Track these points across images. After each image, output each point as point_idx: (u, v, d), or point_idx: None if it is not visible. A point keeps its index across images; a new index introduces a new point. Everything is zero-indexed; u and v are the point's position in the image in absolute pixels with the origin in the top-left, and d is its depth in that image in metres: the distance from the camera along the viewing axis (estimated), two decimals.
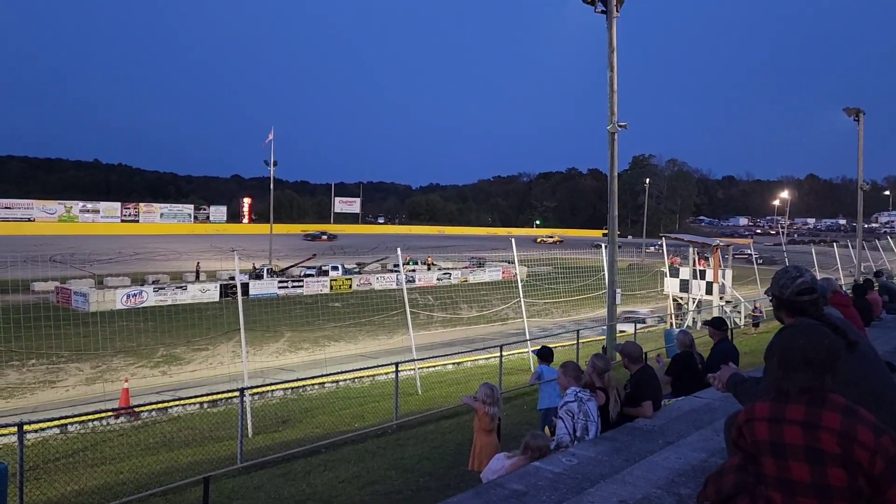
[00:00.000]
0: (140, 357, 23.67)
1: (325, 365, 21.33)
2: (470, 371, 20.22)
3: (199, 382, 20.31)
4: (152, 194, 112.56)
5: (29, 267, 43.55)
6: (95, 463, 11.02)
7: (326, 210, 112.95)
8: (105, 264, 50.28)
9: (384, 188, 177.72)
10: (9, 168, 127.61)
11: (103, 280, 39.89)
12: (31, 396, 19.03)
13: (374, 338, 28.52)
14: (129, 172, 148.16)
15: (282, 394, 16.60)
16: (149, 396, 17.92)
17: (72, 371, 21.76)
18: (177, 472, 10.07)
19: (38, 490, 8.90)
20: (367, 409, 14.69)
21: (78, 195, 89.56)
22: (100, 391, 19.31)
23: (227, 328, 26.41)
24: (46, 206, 78.27)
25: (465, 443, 9.95)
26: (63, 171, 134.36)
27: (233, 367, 21.93)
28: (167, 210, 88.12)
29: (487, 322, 32.79)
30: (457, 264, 55.66)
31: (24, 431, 7.95)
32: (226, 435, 12.56)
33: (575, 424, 5.17)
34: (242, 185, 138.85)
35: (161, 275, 43.79)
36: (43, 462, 10.84)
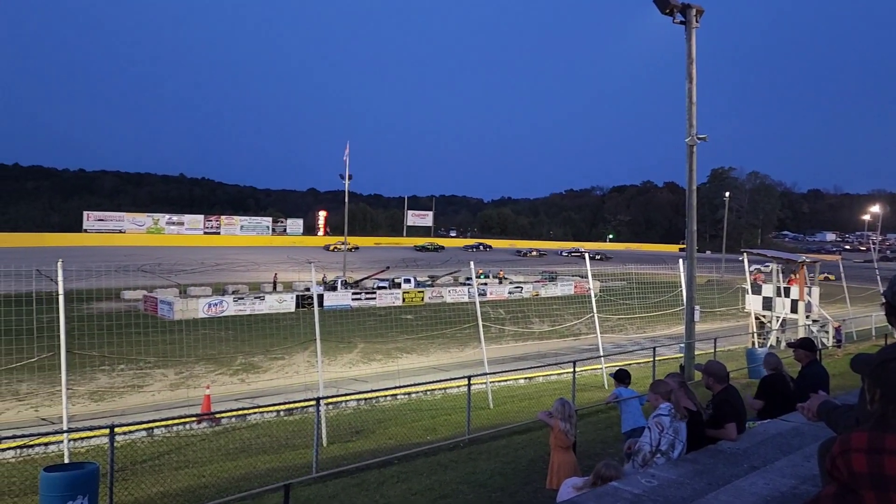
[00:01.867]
0: (220, 364, 24.42)
1: (397, 376, 21.49)
2: (542, 386, 19.99)
3: (275, 391, 20.79)
4: (233, 207, 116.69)
5: (119, 276, 45.87)
6: (179, 466, 11.43)
7: (399, 223, 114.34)
8: (189, 274, 52.36)
9: (456, 201, 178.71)
10: (102, 182, 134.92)
11: (187, 290, 41.53)
12: (119, 400, 19.88)
13: (445, 350, 28.59)
14: (211, 186, 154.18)
15: (355, 404, 16.82)
16: (228, 403, 18.45)
17: (157, 376, 22.64)
18: (255, 477, 10.33)
19: (126, 491, 9.29)
20: (438, 422, 14.71)
21: (165, 208, 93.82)
22: (183, 396, 20.00)
23: (303, 338, 27.01)
24: (136, 219, 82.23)
25: (539, 459, 9.84)
26: (151, 185, 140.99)
27: (307, 376, 22.39)
28: (247, 222, 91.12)
29: (559, 337, 32.36)
30: (528, 278, 55.27)
31: (115, 434, 8.33)
32: (301, 443, 12.80)
33: (661, 438, 5.03)
34: (318, 198, 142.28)
35: (240, 285, 45.26)
36: (131, 463, 11.31)
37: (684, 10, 14.85)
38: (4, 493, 9.88)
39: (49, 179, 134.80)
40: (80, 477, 7.18)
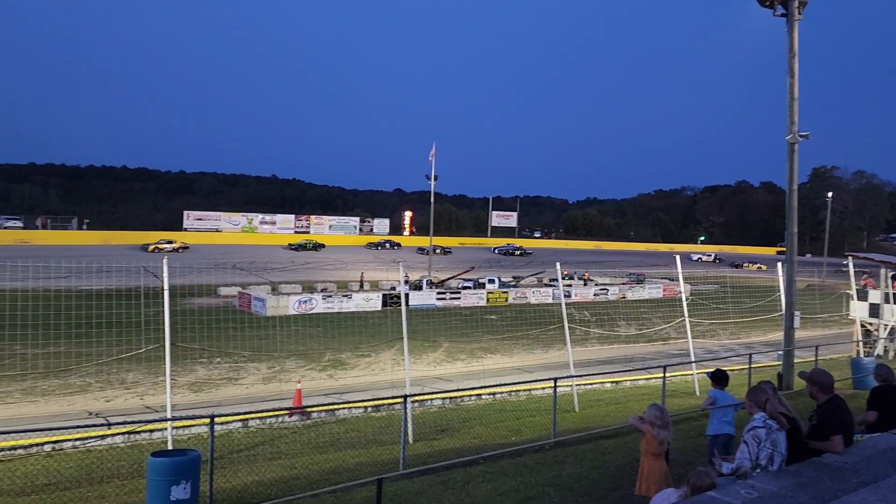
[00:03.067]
0: (310, 360, 25.13)
1: (481, 376, 21.53)
2: (629, 391, 19.55)
3: (362, 387, 21.22)
4: (322, 207, 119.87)
5: (216, 273, 48.01)
6: (272, 457, 11.85)
7: (483, 224, 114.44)
8: (280, 272, 54.20)
9: (541, 202, 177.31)
10: (201, 183, 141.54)
11: (278, 287, 42.99)
12: (216, 391, 20.76)
13: (529, 352, 28.41)
14: (302, 187, 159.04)
15: (440, 403, 16.96)
16: (317, 398, 18.98)
17: (251, 370, 23.51)
18: (344, 471, 10.60)
19: (224, 478, 9.70)
20: (523, 423, 14.65)
21: (258, 208, 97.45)
22: (275, 390, 20.70)
23: (389, 336, 27.45)
24: (231, 218, 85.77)
25: (627, 465, 9.64)
26: (246, 185, 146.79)
27: (393, 374, 22.75)
28: (335, 222, 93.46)
29: (647, 341, 31.57)
30: (614, 280, 54.19)
31: (214, 423, 8.73)
32: (388, 439, 13.02)
33: (759, 452, 4.84)
34: (404, 198, 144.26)
35: (329, 283, 46.50)
36: (228, 452, 11.82)
37: (785, 3, 14.22)
38: (115, 475, 10.53)
39: (153, 181, 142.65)
40: (183, 463, 7.56)
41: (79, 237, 70.52)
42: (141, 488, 9.12)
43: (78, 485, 10.05)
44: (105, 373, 21.10)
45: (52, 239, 67.65)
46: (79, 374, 20.77)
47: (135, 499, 9.02)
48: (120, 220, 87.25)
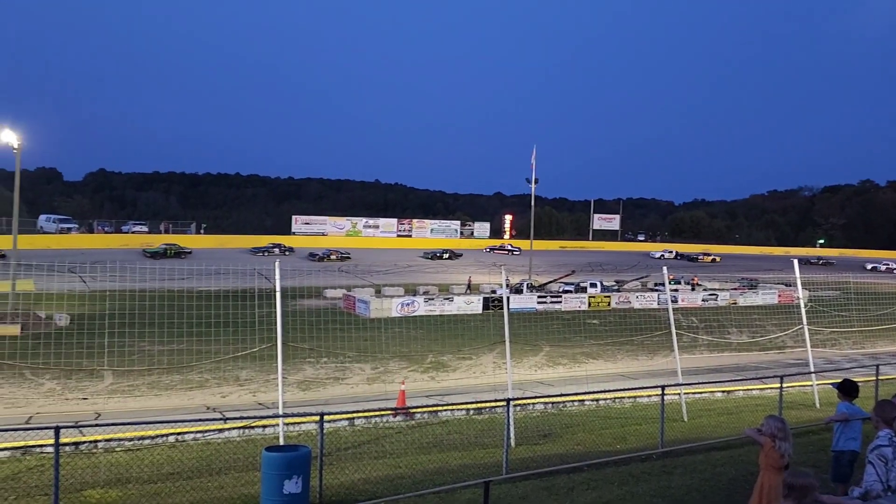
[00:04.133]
0: (412, 362, 25.53)
1: (583, 382, 21.17)
2: (741, 401, 18.66)
3: (463, 389, 21.35)
4: (423, 211, 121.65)
5: (322, 276, 49.67)
6: (378, 456, 12.11)
7: (585, 227, 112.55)
8: (383, 275, 55.41)
9: (644, 204, 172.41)
10: (308, 189, 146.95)
11: (381, 289, 44.00)
12: (322, 390, 21.45)
13: (633, 358, 27.70)
14: (404, 191, 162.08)
15: (542, 407, 16.80)
16: (419, 399, 19.25)
17: (356, 370, 24.15)
18: (448, 472, 10.69)
19: (331, 474, 10.00)
20: (628, 431, 14.28)
21: (362, 212, 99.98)
22: (378, 390, 21.16)
23: (489, 339, 27.48)
24: (337, 222, 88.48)
25: (741, 478, 9.20)
26: (350, 190, 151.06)
27: (494, 377, 22.76)
28: (436, 226, 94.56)
29: (761, 349, 30.04)
30: (724, 285, 51.94)
31: (324, 421, 9.02)
32: (490, 442, 13.03)
33: (889, 472, 4.50)
34: (504, 202, 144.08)
35: (430, 286, 47.12)
36: (335, 449, 12.17)
37: None
38: (231, 467, 11.08)
39: (264, 187, 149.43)
40: (295, 458, 7.86)
41: (197, 241, 74.77)
42: (255, 481, 9.54)
43: (199, 475, 10.65)
44: (221, 370, 22.24)
45: (173, 242, 72.13)
46: (197, 371, 22.00)
47: (250, 490, 9.44)
48: (234, 225, 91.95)
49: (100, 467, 10.91)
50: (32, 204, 69.57)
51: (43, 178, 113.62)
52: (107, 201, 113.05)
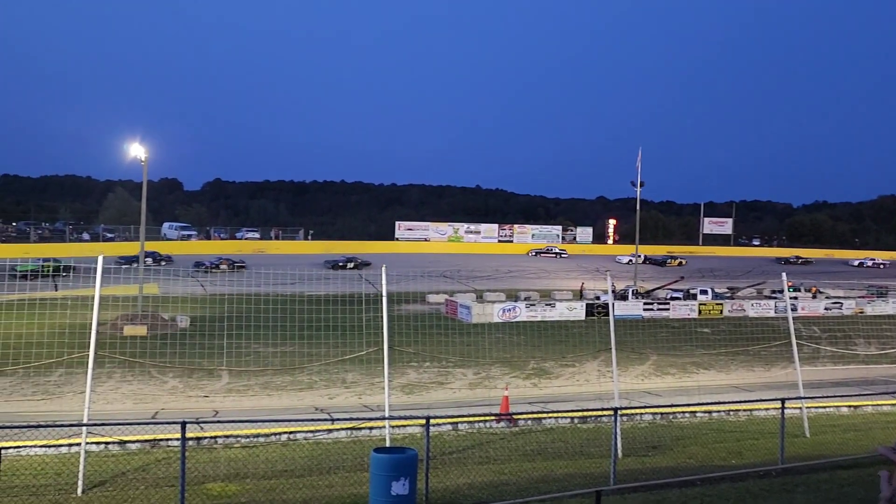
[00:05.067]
0: (514, 368, 25.40)
1: (693, 393, 20.35)
2: (871, 417, 17.37)
3: (566, 397, 21.02)
4: (524, 216, 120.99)
5: (425, 281, 50.35)
6: (482, 461, 12.10)
7: (694, 231, 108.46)
8: (484, 280, 55.53)
9: (759, 207, 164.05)
10: (410, 195, 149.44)
11: (483, 295, 44.10)
12: (425, 394, 21.69)
13: (748, 369, 26.39)
14: (504, 196, 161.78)
15: (650, 418, 16.27)
16: (522, 405, 19.10)
17: (458, 375, 24.28)
18: (553, 480, 10.54)
19: (437, 478, 10.06)
20: (744, 446, 13.59)
21: (463, 218, 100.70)
22: (481, 396, 21.18)
23: (593, 346, 26.97)
24: (438, 228, 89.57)
25: (871, 500, 8.55)
26: (452, 196, 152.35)
27: (598, 385, 22.29)
28: (538, 231, 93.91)
29: (891, 362, 27.90)
30: (849, 293, 48.63)
31: (430, 425, 9.11)
32: (596, 452, 12.74)
33: None
34: (607, 206, 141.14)
35: (531, 292, 46.81)
36: (440, 453, 12.26)
37: None
38: (340, 466, 11.38)
39: (368, 193, 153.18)
40: (403, 460, 7.98)
41: (305, 247, 77.74)
42: (363, 481, 9.75)
43: (309, 473, 11.00)
44: (328, 372, 22.95)
45: (283, 248, 75.28)
46: (307, 373, 22.79)
47: (359, 490, 9.65)
48: (339, 231, 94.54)
49: (219, 462, 11.49)
50: (157, 212, 74.38)
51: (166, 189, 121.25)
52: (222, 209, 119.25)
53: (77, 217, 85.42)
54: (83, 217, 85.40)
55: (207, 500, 9.52)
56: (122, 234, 69.89)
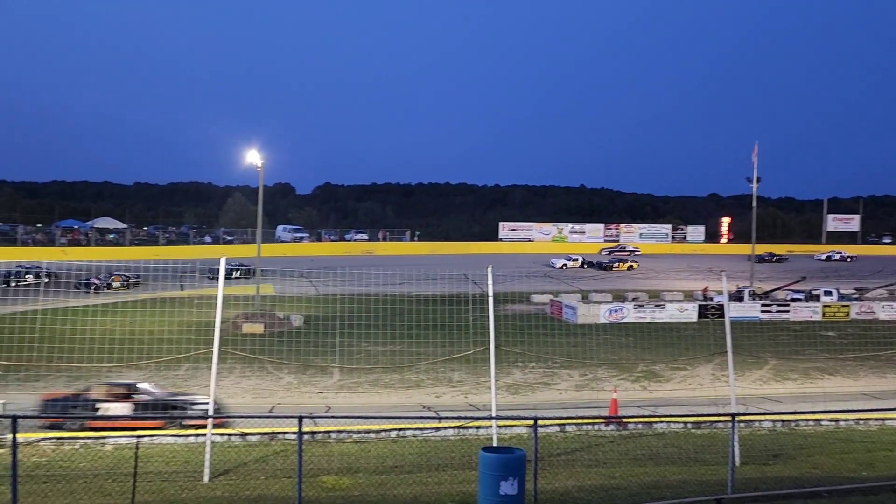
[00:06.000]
0: (622, 370, 24.83)
1: (818, 399, 19.17)
2: None
3: (678, 401, 20.37)
4: (631, 215, 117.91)
5: (529, 281, 50.07)
6: (590, 464, 11.92)
7: (816, 229, 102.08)
8: (589, 281, 54.56)
9: (891, 202, 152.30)
10: (513, 196, 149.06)
11: (588, 295, 43.35)
12: (531, 395, 21.58)
13: (879, 375, 24.60)
14: (610, 195, 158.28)
15: (770, 425, 15.46)
16: (631, 409, 18.66)
17: (563, 376, 24.02)
18: (665, 487, 10.23)
19: (545, 479, 10.00)
20: (876, 457, 12.68)
21: (567, 218, 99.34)
22: (587, 398, 20.87)
23: (705, 349, 25.97)
24: (542, 228, 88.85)
25: None
26: (555, 196, 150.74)
27: (712, 390, 21.43)
28: (645, 230, 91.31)
29: None
30: None
31: (538, 426, 9.06)
32: (711, 459, 12.28)
33: None
34: (720, 203, 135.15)
35: (639, 292, 45.52)
36: (547, 455, 12.17)
37: None
38: (448, 464, 11.54)
39: (472, 194, 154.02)
40: (511, 460, 7.99)
41: (411, 248, 79.16)
42: (471, 479, 9.83)
43: (418, 469, 11.22)
44: (434, 371, 23.26)
45: (390, 249, 76.95)
46: (414, 371, 23.21)
47: (467, 489, 9.74)
48: (444, 232, 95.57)
49: (333, 456, 11.92)
50: (271, 216, 77.88)
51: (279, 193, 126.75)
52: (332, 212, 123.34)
53: (200, 221, 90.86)
54: (205, 221, 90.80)
55: (322, 493, 9.89)
56: (240, 237, 73.63)
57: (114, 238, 70.74)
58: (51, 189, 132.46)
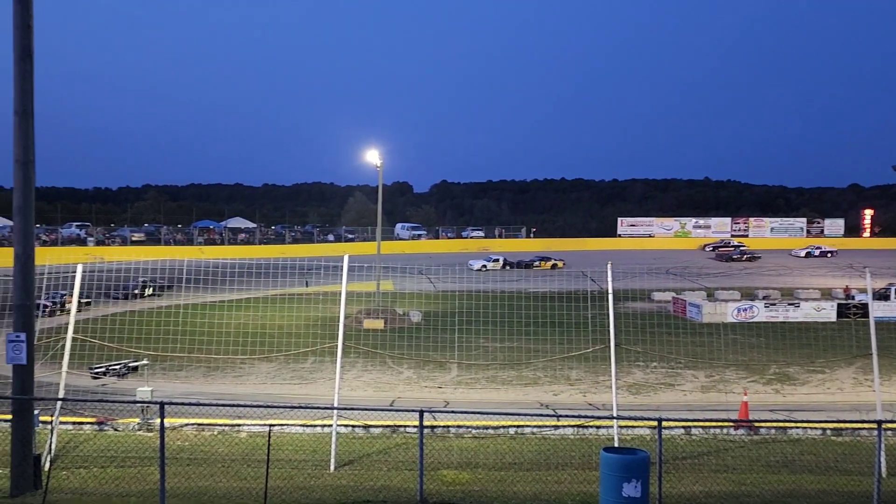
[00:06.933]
0: (752, 372, 23.57)
1: None
2: None
3: (815, 406, 19.09)
4: (761, 209, 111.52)
5: (649, 278, 48.53)
6: (718, 469, 11.41)
7: None
8: (715, 278, 52.16)
9: None
10: (633, 190, 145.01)
11: (714, 293, 41.46)
12: (653, 395, 20.91)
13: None
14: (737, 188, 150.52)
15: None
16: (762, 413, 17.66)
17: (687, 377, 23.10)
18: (802, 496, 9.64)
19: (670, 483, 9.66)
20: None
21: (690, 212, 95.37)
22: (714, 400, 19.96)
23: (846, 351, 24.19)
24: (664, 223, 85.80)
25: None
26: (677, 189, 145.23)
27: (854, 395, 20.00)
28: (777, 224, 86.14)
29: None
30: None
31: (662, 427, 8.77)
32: (853, 469, 11.42)
33: None
34: (861, 195, 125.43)
35: (770, 290, 43.03)
36: (671, 458, 11.75)
37: None
38: (567, 463, 11.40)
39: (588, 190, 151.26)
40: (634, 462, 7.79)
41: (527, 244, 78.78)
42: (591, 479, 9.66)
43: (537, 467, 11.16)
44: (552, 368, 23.03)
45: (506, 246, 76.91)
46: (531, 368, 23.08)
47: (587, 489, 9.59)
48: (560, 228, 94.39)
49: (452, 450, 12.08)
50: (390, 214, 79.94)
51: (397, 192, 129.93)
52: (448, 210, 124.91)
53: (323, 220, 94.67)
54: (328, 220, 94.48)
55: (442, 486, 10.05)
56: (361, 235, 76.11)
57: (245, 237, 74.95)
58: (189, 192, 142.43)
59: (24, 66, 9.55)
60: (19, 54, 9.52)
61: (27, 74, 9.59)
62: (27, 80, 9.60)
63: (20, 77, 9.55)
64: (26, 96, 9.59)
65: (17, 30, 9.46)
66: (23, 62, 9.54)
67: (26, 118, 9.60)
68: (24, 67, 9.56)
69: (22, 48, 9.51)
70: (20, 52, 9.51)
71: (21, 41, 9.49)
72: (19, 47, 9.50)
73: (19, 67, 9.55)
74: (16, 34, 9.47)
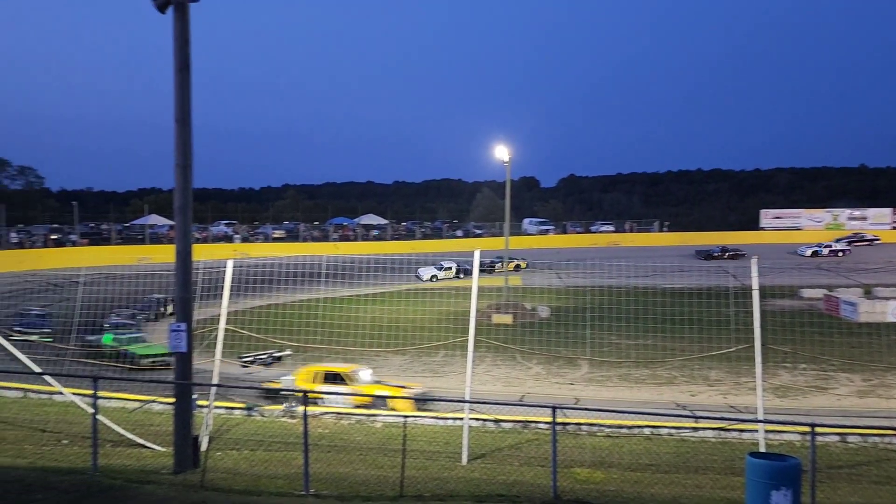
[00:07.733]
0: None
1: None
2: None
3: None
4: None
5: (797, 274, 45.40)
6: (879, 481, 10.50)
7: None
8: (873, 274, 47.97)
9: None
10: (777, 180, 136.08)
11: (872, 290, 38.20)
12: (802, 399, 19.64)
13: None
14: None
15: None
16: None
17: (841, 380, 21.53)
18: None
19: (823, 493, 9.00)
20: None
21: (843, 202, 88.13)
22: (873, 406, 18.51)
23: None
24: (813, 215, 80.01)
25: None
26: (828, 178, 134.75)
27: None
28: None
29: None
30: None
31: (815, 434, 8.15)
32: None
33: None
34: None
35: None
36: (825, 466, 10.94)
37: None
38: (708, 467, 10.92)
39: (727, 181, 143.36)
40: (784, 469, 7.28)
41: (660, 239, 76.05)
42: (735, 485, 9.18)
43: (675, 470, 10.75)
44: (688, 368, 22.11)
45: (637, 241, 74.67)
46: (666, 368, 22.28)
47: (731, 495, 9.11)
48: (696, 222, 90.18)
49: (584, 448, 11.88)
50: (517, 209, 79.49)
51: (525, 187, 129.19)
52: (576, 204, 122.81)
53: (452, 216, 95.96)
54: (456, 216, 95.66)
55: (575, 484, 9.90)
56: (489, 230, 76.44)
57: (377, 234, 77.43)
58: (324, 190, 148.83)
59: (182, 77, 10.31)
60: (178, 66, 10.26)
61: (185, 84, 10.35)
62: (185, 90, 10.36)
63: (179, 87, 10.31)
64: (184, 105, 10.36)
65: (177, 42, 10.21)
66: (181, 73, 10.29)
67: (185, 125, 10.37)
68: (183, 78, 10.32)
69: (181, 60, 10.26)
70: (179, 63, 10.25)
71: (180, 54, 10.25)
72: (179, 59, 10.24)
73: (179, 78, 10.29)
74: (175, 47, 10.23)
